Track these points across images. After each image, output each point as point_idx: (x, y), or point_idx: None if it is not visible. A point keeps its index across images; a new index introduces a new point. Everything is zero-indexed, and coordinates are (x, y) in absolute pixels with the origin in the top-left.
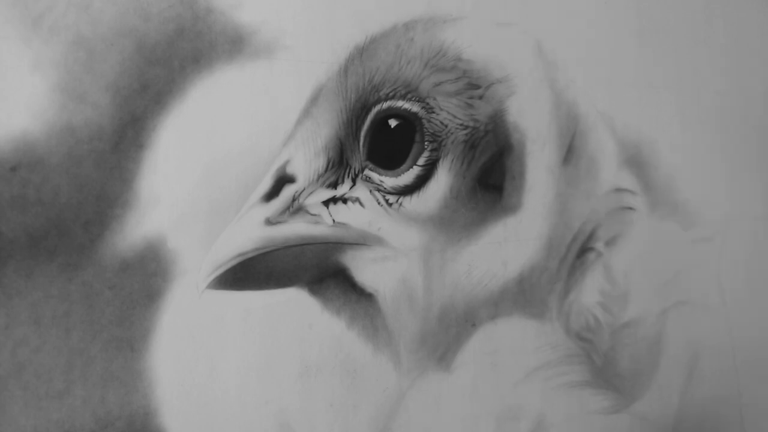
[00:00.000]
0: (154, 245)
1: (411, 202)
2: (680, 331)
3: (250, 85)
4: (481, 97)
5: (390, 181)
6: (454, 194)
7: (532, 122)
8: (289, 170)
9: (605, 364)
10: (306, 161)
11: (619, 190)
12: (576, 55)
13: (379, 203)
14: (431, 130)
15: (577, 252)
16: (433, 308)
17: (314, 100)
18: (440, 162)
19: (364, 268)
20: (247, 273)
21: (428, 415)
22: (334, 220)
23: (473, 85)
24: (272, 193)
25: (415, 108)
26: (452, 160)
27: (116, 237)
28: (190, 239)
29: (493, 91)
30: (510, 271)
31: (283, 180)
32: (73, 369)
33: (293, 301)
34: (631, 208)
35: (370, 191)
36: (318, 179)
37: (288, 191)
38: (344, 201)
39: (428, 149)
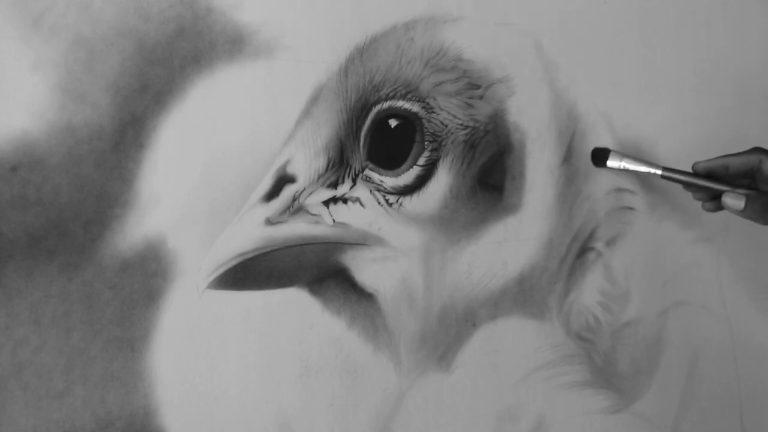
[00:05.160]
0: (154, 245)
1: (411, 202)
2: (680, 331)
3: (250, 85)
4: (481, 97)
5: (390, 181)
6: (454, 194)
7: (532, 122)
8: (290, 170)
9: (605, 364)
10: (306, 161)
11: (619, 190)
12: (576, 55)
13: (379, 203)
14: (431, 130)
15: (577, 252)
16: (433, 308)
17: (314, 100)
18: (440, 162)
19: (365, 268)
20: (248, 273)
21: (428, 415)
22: (334, 220)
23: (473, 85)
24: (272, 193)
25: (415, 108)
26: (452, 160)
27: (116, 237)
28: (190, 239)
29: (494, 91)
30: (510, 271)
31: (283, 180)
32: (73, 369)
33: (293, 301)
34: (631, 208)
35: (371, 191)
36: (318, 179)
37: (288, 191)
38: (344, 201)
39: (428, 149)
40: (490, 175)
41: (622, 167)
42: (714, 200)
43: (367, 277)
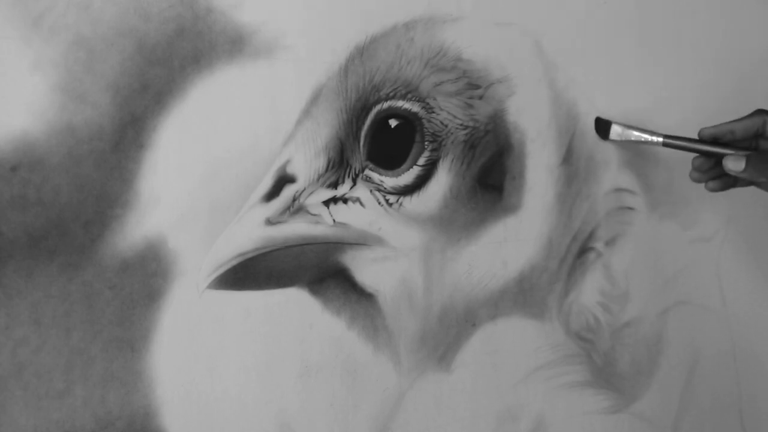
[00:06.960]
0: (154, 245)
1: (411, 202)
2: (680, 331)
3: (250, 85)
4: (481, 97)
5: (390, 181)
6: (454, 194)
7: (531, 122)
8: (290, 170)
9: (605, 364)
10: (306, 161)
11: (618, 189)
12: (575, 54)
13: (379, 203)
14: (431, 130)
15: (576, 252)
16: (433, 308)
17: (314, 100)
18: (440, 162)
19: (365, 268)
20: (248, 273)
21: (428, 415)
22: (334, 220)
23: (473, 85)
24: (272, 193)
25: (415, 108)
26: (452, 160)
27: (116, 237)
28: (190, 239)
29: (493, 91)
30: (510, 271)
31: (283, 180)
32: (73, 369)
33: (293, 301)
34: (631, 208)
35: (371, 191)
36: (318, 179)
37: (288, 191)
38: (344, 201)
39: (428, 149)
40: (490, 175)
41: (623, 138)
42: (716, 179)
43: (367, 277)
